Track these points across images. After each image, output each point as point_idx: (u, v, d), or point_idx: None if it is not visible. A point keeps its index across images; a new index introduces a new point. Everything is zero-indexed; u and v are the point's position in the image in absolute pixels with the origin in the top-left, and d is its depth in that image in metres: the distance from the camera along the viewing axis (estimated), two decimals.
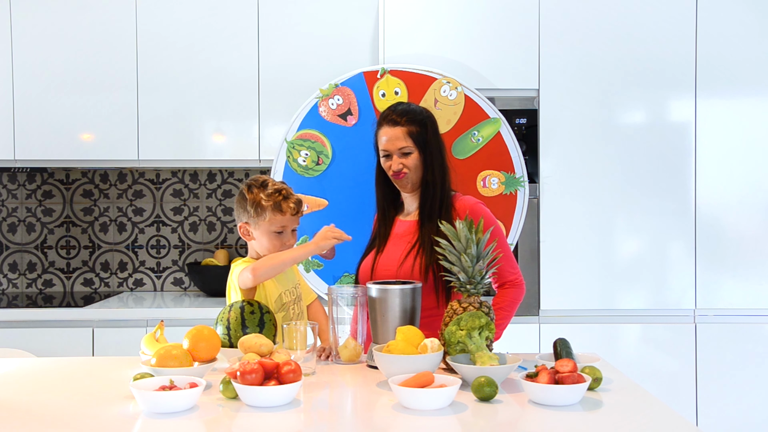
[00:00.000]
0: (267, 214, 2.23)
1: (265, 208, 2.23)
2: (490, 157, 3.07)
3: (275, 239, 2.26)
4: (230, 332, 2.11)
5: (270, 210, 2.23)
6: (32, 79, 3.51)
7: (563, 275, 3.25)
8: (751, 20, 3.25)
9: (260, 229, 2.26)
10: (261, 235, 2.26)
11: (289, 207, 2.24)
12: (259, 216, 2.24)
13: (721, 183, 3.26)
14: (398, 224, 2.44)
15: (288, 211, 2.24)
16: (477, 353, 1.92)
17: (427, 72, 3.09)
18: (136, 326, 3.27)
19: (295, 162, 3.10)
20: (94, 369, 2.16)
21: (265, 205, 2.23)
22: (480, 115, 3.07)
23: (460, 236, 2.07)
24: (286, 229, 2.27)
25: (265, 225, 2.24)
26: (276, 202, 2.23)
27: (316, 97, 3.11)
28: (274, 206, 2.23)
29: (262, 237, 2.26)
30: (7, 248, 3.92)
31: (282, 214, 2.24)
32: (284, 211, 2.24)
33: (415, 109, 2.40)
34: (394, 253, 2.37)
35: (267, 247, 2.26)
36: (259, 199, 2.24)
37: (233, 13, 3.52)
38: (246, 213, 2.27)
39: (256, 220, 2.25)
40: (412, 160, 2.34)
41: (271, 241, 2.25)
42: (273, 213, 2.23)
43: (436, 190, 2.36)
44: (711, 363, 3.24)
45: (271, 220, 2.24)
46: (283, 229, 2.26)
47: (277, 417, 1.68)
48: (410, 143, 2.34)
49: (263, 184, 2.28)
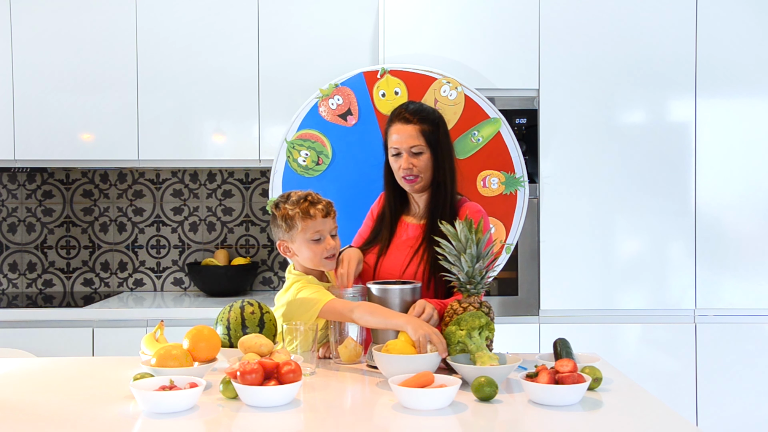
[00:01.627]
0: (298, 223, 2.19)
1: (293, 217, 2.19)
2: (490, 157, 3.07)
3: (315, 246, 2.20)
4: (230, 332, 2.11)
5: (299, 218, 2.19)
6: (32, 79, 3.51)
7: (563, 275, 3.25)
8: (751, 20, 3.25)
9: (297, 241, 2.21)
10: (300, 247, 2.21)
11: (318, 210, 2.19)
12: (292, 228, 2.20)
13: (721, 183, 3.26)
14: (403, 225, 2.40)
15: (318, 215, 2.19)
16: (477, 353, 1.92)
17: (427, 72, 3.09)
18: (136, 326, 3.27)
19: (295, 162, 3.10)
20: (94, 369, 2.16)
21: (292, 215, 2.19)
22: (480, 115, 3.07)
23: (460, 236, 2.07)
24: (323, 233, 2.20)
25: (299, 235, 2.20)
26: (303, 208, 2.19)
27: (316, 97, 3.11)
28: (303, 213, 2.19)
29: (302, 248, 2.21)
30: (7, 248, 3.92)
31: (312, 219, 2.18)
32: (313, 216, 2.18)
33: (427, 108, 2.37)
34: (397, 258, 2.34)
35: (309, 257, 2.21)
36: (286, 211, 2.20)
37: (233, 13, 3.52)
38: (279, 230, 2.23)
39: (291, 234, 2.21)
40: (423, 160, 2.30)
41: (311, 250, 2.20)
42: (303, 220, 2.19)
43: (447, 192, 2.33)
44: (711, 363, 3.24)
45: (303, 228, 2.19)
46: (319, 235, 2.20)
47: (277, 417, 1.68)
48: (422, 142, 2.30)
49: (287, 197, 2.24)
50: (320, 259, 2.21)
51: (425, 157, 2.31)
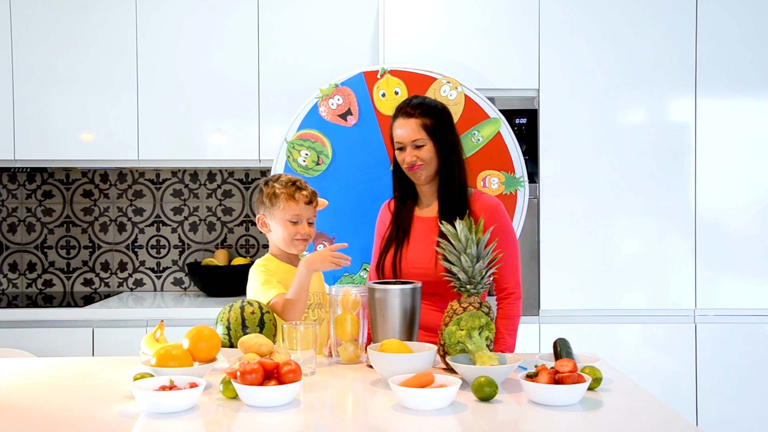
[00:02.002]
0: (281, 202, 2.34)
1: (279, 196, 2.34)
2: (490, 157, 3.07)
3: (290, 227, 2.35)
4: (230, 332, 2.11)
5: (283, 199, 2.34)
6: (32, 79, 3.51)
7: (563, 275, 3.25)
8: (751, 20, 3.25)
9: (276, 218, 2.36)
10: (277, 224, 2.36)
11: (302, 196, 2.35)
12: (274, 205, 2.35)
13: (721, 183, 3.26)
14: (417, 220, 2.44)
15: (301, 200, 2.34)
16: (477, 353, 1.92)
17: (427, 72, 3.09)
18: (136, 326, 3.27)
19: (295, 162, 3.10)
20: (94, 369, 2.16)
21: (278, 194, 2.35)
22: (480, 115, 3.07)
23: (460, 236, 2.06)
24: (301, 218, 2.35)
25: (279, 213, 2.34)
26: (289, 191, 2.34)
27: (316, 97, 3.11)
28: (287, 195, 2.34)
29: (278, 226, 2.35)
30: (7, 248, 3.92)
31: (295, 203, 2.34)
32: (297, 200, 2.34)
33: (430, 102, 2.41)
34: (421, 252, 2.36)
35: (283, 236, 2.36)
36: (273, 189, 2.36)
37: (233, 14, 3.52)
38: (263, 205, 2.38)
39: (272, 210, 2.36)
40: (426, 152, 2.35)
41: (286, 229, 2.34)
42: (286, 201, 2.33)
43: (454, 182, 2.37)
44: (711, 363, 3.24)
45: (285, 208, 2.34)
46: (297, 219, 2.35)
47: (277, 417, 1.68)
48: (424, 135, 2.35)
49: (278, 178, 2.39)
50: (292, 240, 2.36)
51: (428, 149, 2.35)
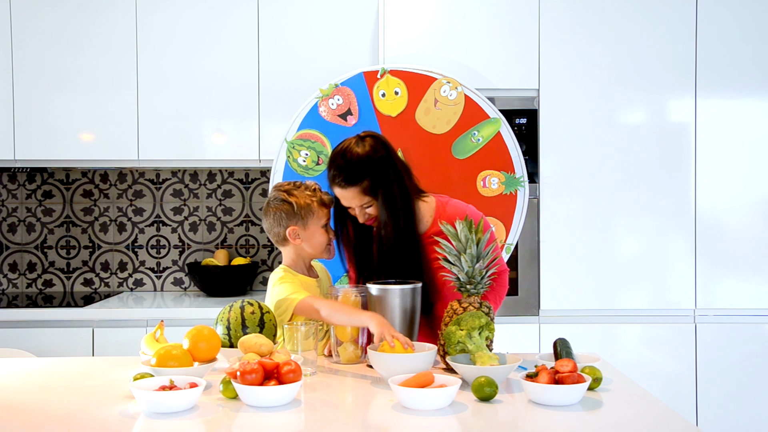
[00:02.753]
0: (315, 210, 2.33)
1: (311, 204, 2.33)
2: (490, 157, 3.07)
3: (326, 233, 2.36)
4: (230, 332, 2.11)
5: (317, 206, 2.34)
6: (32, 79, 3.51)
7: (563, 275, 3.25)
8: (751, 20, 3.24)
9: (311, 227, 2.34)
10: (312, 233, 2.34)
11: (331, 198, 2.37)
12: (307, 215, 2.32)
13: (721, 183, 3.26)
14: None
15: (330, 204, 2.36)
16: (477, 353, 1.92)
17: (427, 72, 3.09)
18: (136, 326, 3.27)
19: (295, 162, 3.10)
20: (94, 369, 2.16)
21: (310, 203, 2.33)
22: (480, 115, 3.07)
23: (460, 236, 2.07)
24: (328, 222, 2.38)
25: (314, 222, 2.34)
26: (319, 198, 2.36)
27: (316, 97, 3.11)
28: (319, 202, 2.35)
29: (314, 235, 2.34)
30: (7, 248, 3.92)
31: (327, 208, 2.36)
32: (327, 204, 2.36)
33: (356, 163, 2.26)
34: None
35: (320, 242, 2.35)
36: (304, 199, 2.34)
37: (233, 13, 3.52)
38: (295, 217, 2.32)
39: (306, 221, 2.33)
40: (374, 208, 2.28)
41: (323, 235, 2.35)
42: (320, 208, 2.34)
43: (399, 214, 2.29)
44: (711, 363, 3.24)
45: (319, 215, 2.34)
46: (327, 222, 2.37)
47: (277, 417, 1.68)
48: (366, 199, 2.27)
49: (297, 186, 2.37)
50: (326, 246, 2.37)
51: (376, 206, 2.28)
